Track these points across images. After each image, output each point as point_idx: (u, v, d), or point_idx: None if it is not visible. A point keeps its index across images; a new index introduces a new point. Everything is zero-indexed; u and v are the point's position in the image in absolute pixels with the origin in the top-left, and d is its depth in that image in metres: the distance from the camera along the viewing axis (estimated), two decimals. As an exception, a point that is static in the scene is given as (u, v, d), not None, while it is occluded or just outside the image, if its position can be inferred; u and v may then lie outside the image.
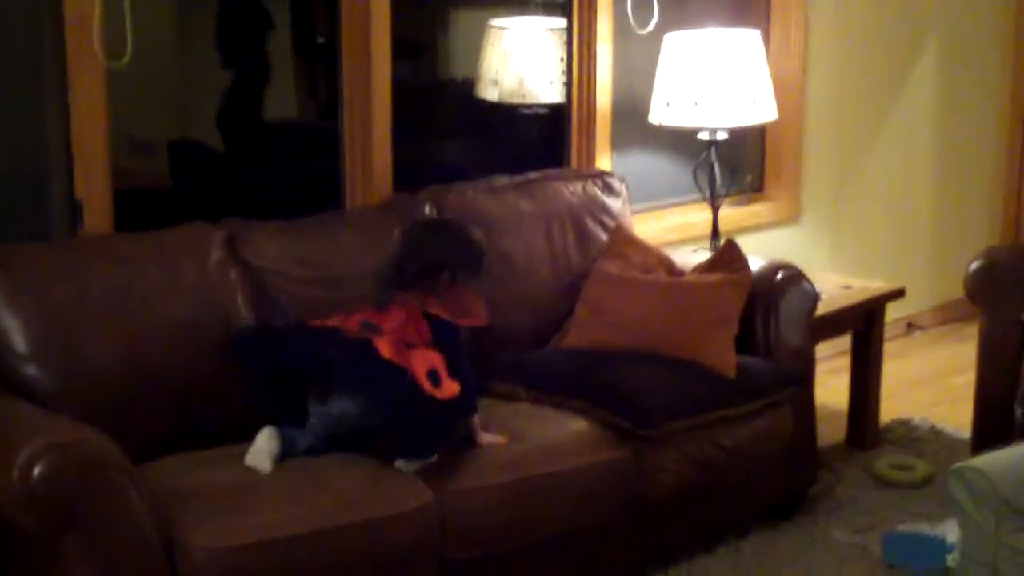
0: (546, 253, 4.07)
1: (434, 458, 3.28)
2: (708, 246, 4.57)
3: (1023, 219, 5.95)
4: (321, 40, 4.29)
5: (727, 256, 3.99)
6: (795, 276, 4.03)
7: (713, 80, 4.36)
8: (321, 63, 4.34)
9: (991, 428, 4.13)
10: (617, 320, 3.91)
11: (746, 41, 4.44)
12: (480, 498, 3.26)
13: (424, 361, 3.28)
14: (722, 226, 4.64)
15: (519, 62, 4.62)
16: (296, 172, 4.36)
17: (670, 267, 4.07)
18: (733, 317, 3.87)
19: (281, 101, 4.51)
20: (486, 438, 3.40)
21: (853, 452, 4.49)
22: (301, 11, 4.44)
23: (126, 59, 3.48)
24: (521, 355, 3.88)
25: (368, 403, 3.26)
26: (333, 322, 3.40)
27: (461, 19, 4.89)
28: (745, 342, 3.92)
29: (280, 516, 3.00)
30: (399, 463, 3.26)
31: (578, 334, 3.93)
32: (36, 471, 2.72)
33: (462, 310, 3.42)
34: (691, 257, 4.26)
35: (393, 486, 3.19)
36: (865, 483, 4.26)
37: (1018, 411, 3.93)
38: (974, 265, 4.22)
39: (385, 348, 3.25)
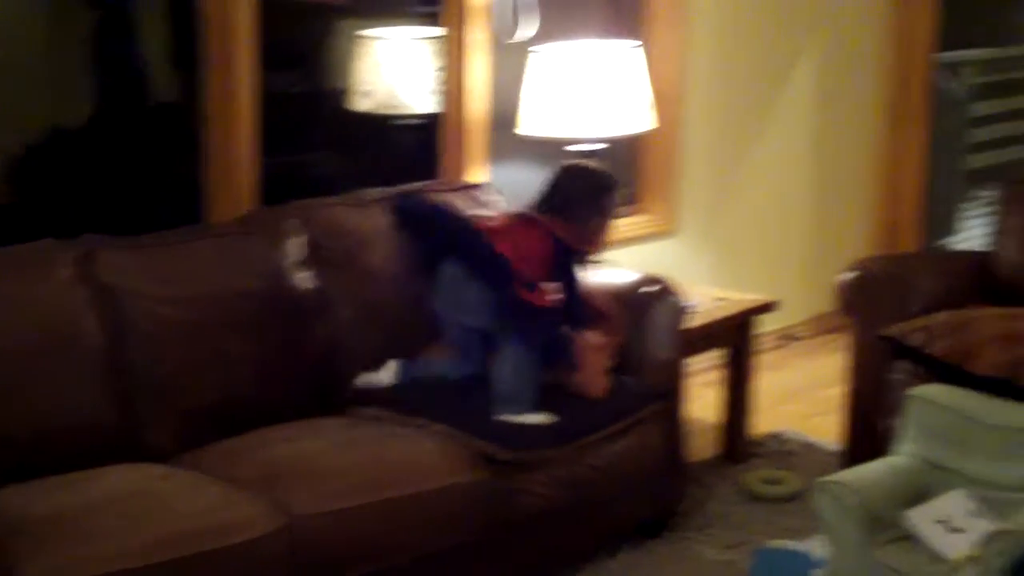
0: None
1: (537, 416, 3.57)
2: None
3: (899, 231, 5.98)
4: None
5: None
6: (661, 289, 3.99)
7: (582, 92, 4.31)
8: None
9: (861, 441, 4.11)
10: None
11: (618, 52, 4.41)
12: (333, 521, 3.16)
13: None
14: (598, 238, 4.59)
15: (391, 72, 4.55)
16: (157, 184, 4.24)
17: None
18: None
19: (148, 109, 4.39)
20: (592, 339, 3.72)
21: (725, 467, 4.46)
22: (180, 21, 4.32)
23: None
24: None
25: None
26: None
27: (338, 29, 4.81)
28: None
29: (120, 547, 2.88)
30: (504, 415, 3.56)
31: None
32: None
33: (586, 239, 3.85)
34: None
35: (242, 512, 3.08)
36: (736, 498, 4.24)
37: (882, 424, 3.93)
38: (845, 277, 4.22)
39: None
